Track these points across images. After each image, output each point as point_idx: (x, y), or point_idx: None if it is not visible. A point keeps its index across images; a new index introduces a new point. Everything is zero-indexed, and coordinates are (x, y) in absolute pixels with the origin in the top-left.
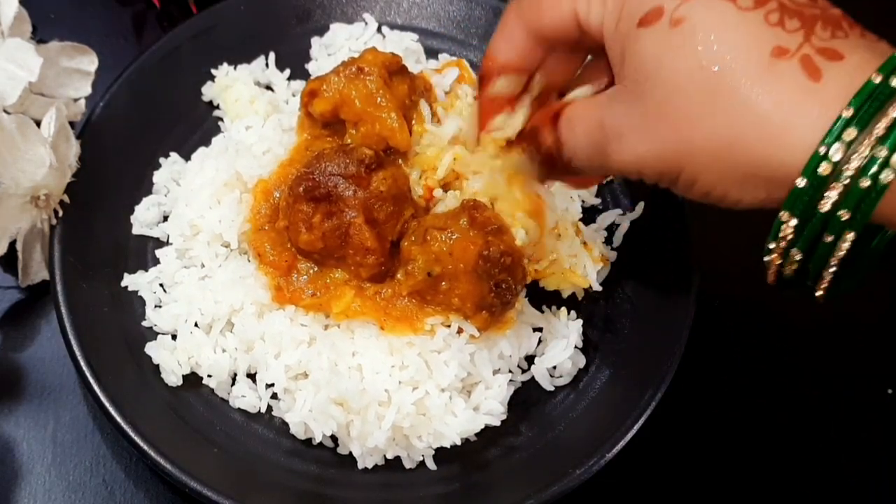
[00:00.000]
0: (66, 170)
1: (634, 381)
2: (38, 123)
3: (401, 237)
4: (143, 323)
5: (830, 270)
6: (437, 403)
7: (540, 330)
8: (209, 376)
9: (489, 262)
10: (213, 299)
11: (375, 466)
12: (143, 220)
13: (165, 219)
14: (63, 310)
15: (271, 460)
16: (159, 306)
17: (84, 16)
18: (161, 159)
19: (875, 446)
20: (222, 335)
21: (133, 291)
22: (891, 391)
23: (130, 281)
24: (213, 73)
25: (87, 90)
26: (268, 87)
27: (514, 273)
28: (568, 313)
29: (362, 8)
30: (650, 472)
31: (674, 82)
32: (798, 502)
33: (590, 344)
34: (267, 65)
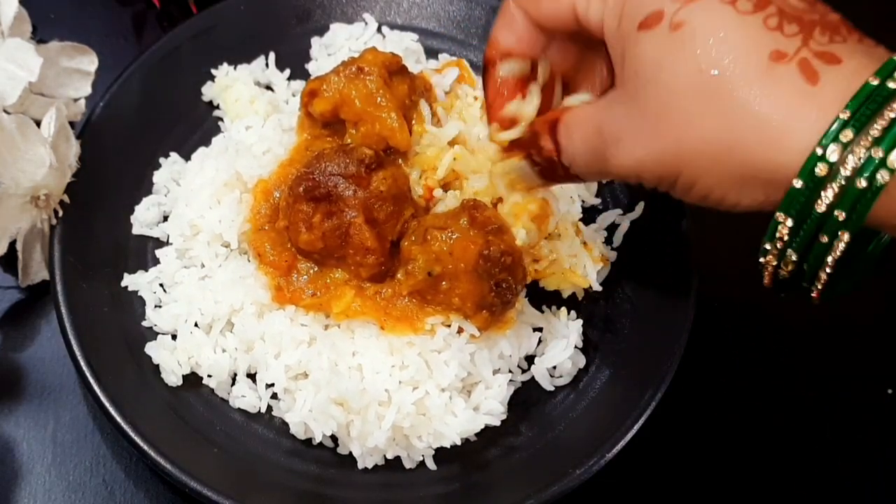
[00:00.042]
0: (66, 170)
1: (634, 382)
2: (38, 123)
3: (401, 237)
4: (143, 323)
5: (826, 272)
6: (437, 403)
7: (540, 330)
8: (209, 376)
9: (489, 262)
10: (213, 299)
11: (375, 466)
12: (143, 220)
13: (165, 219)
14: (63, 310)
15: (271, 460)
16: (159, 306)
17: (84, 16)
18: (161, 159)
19: (872, 447)
20: (222, 335)
21: (133, 291)
22: (891, 391)
23: (130, 281)
24: (213, 73)
25: (87, 90)
26: (268, 87)
27: (514, 272)
28: (568, 313)
29: (362, 8)
30: (650, 473)
31: (673, 86)
32: (796, 503)
33: (590, 344)
34: (267, 65)
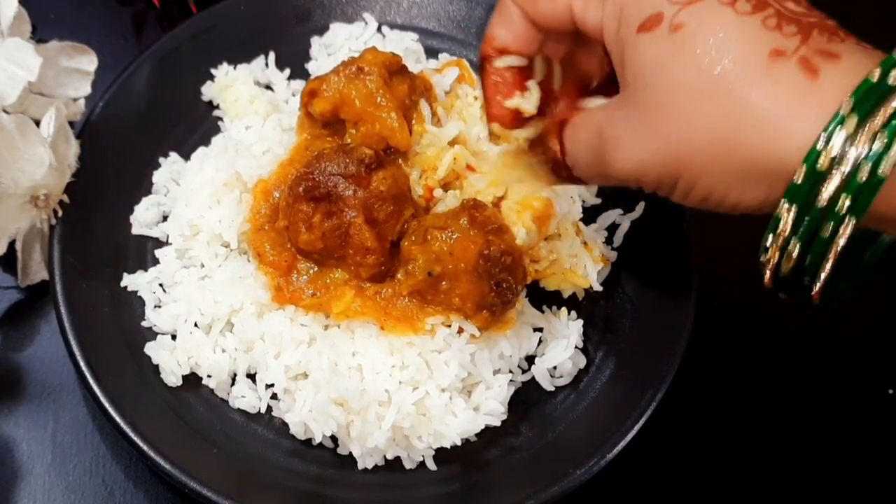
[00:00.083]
0: (65, 170)
1: (635, 382)
2: (38, 123)
3: (401, 237)
4: (143, 323)
5: (827, 266)
6: (438, 404)
7: (540, 330)
8: (209, 376)
9: (489, 262)
10: (212, 299)
11: (375, 467)
12: (143, 219)
13: (165, 219)
14: (62, 310)
15: (271, 461)
16: (159, 306)
17: (84, 16)
18: (161, 159)
19: (872, 447)
20: (222, 335)
21: (133, 291)
22: (891, 391)
23: (130, 281)
24: (213, 72)
25: (87, 90)
26: (268, 86)
27: (514, 272)
28: (568, 313)
29: (362, 7)
30: (650, 473)
31: (673, 86)
32: (796, 503)
33: (590, 344)
34: (267, 64)
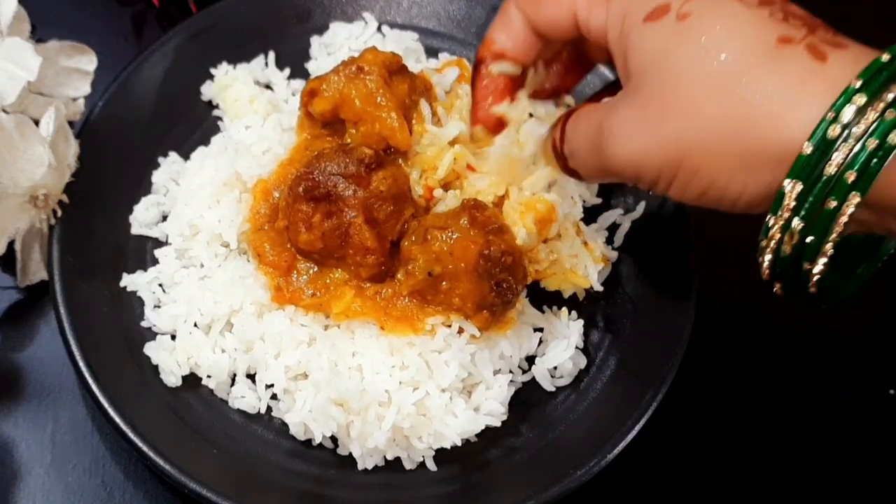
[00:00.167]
0: (64, 169)
1: (635, 382)
2: (37, 123)
3: (401, 237)
4: (143, 323)
5: (828, 247)
6: (438, 404)
7: (541, 330)
8: (208, 377)
9: (490, 262)
10: (212, 299)
11: (375, 467)
12: (143, 219)
13: (165, 219)
14: (62, 310)
15: (271, 461)
16: (158, 306)
17: (84, 16)
18: (160, 159)
19: (872, 447)
20: (222, 335)
21: (132, 291)
22: (892, 391)
23: (129, 281)
24: (213, 72)
25: (87, 90)
26: (267, 86)
27: (514, 272)
28: (569, 313)
29: (362, 7)
30: (651, 473)
31: (678, 72)
32: (796, 503)
33: (590, 344)
34: (266, 64)
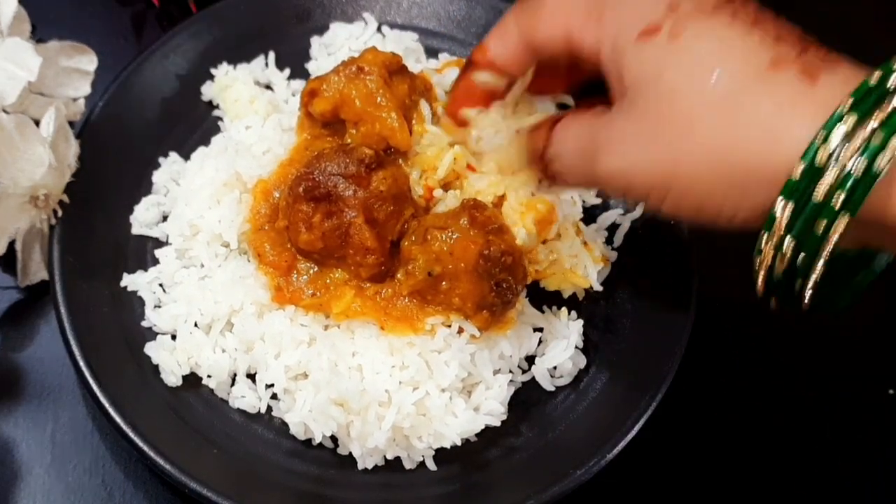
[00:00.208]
0: (65, 169)
1: (635, 382)
2: (38, 123)
3: (401, 237)
4: (143, 323)
5: (818, 266)
6: (438, 404)
7: (540, 330)
8: (209, 376)
9: (490, 262)
10: (212, 299)
11: (375, 467)
12: (143, 219)
13: (165, 219)
14: (62, 310)
15: (271, 461)
16: (159, 306)
17: (84, 16)
18: (161, 159)
19: (872, 447)
20: (222, 335)
21: (132, 291)
22: (892, 391)
23: (130, 281)
24: (213, 72)
25: (87, 90)
26: (267, 86)
27: (514, 272)
28: (568, 313)
29: (362, 7)
30: (650, 473)
31: (670, 91)
32: (796, 503)
33: (590, 344)
34: (267, 64)
